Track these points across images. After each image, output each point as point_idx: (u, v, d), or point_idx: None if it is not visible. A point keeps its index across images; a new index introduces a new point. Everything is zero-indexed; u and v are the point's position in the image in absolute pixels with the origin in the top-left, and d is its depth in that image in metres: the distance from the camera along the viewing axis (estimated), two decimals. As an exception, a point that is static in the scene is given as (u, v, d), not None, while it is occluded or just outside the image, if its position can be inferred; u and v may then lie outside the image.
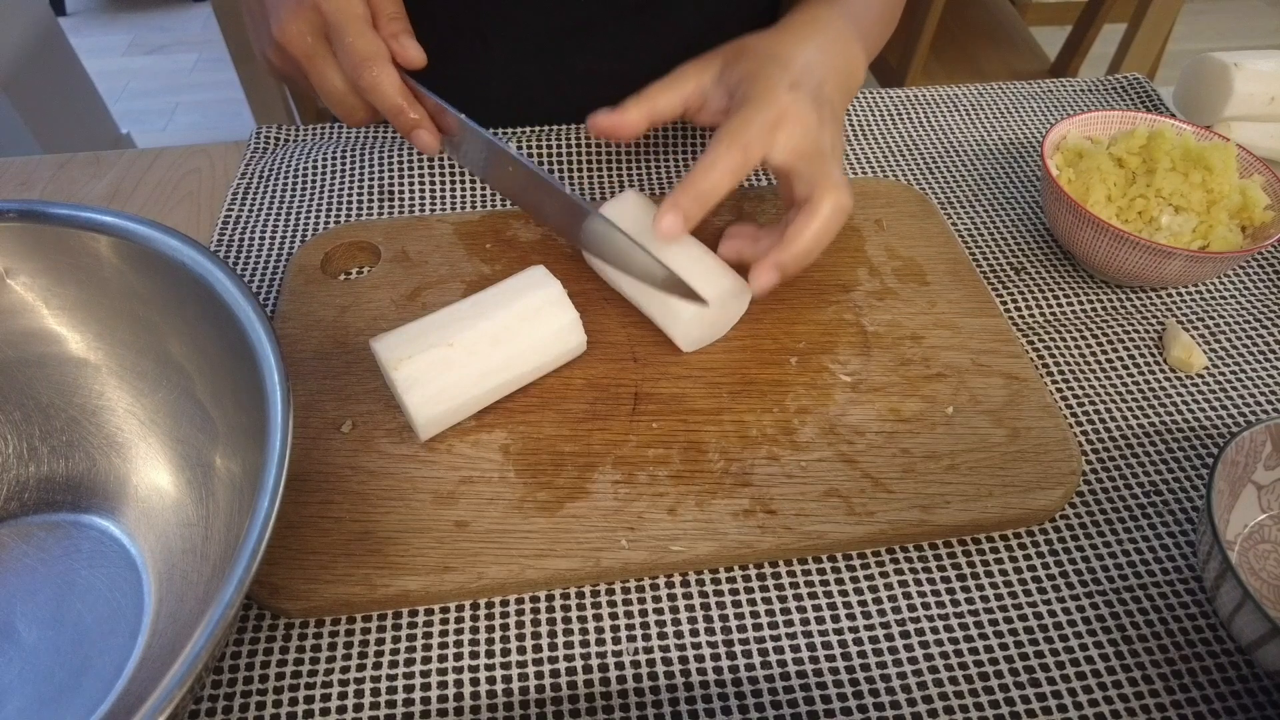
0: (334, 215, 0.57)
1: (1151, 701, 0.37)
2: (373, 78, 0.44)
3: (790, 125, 0.44)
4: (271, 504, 0.29)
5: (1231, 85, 0.64)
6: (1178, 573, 0.41)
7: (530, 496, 0.41)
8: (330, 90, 0.46)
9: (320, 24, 0.45)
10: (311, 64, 0.46)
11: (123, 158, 0.63)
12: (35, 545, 0.39)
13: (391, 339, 0.41)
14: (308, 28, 0.44)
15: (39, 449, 0.41)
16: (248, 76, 1.25)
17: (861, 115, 0.68)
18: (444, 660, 0.37)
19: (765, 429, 0.44)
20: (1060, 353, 0.51)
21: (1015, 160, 0.64)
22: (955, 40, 1.50)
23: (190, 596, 0.36)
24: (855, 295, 0.51)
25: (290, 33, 0.44)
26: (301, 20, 0.44)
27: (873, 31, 0.55)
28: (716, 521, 0.40)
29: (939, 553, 0.41)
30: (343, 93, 0.46)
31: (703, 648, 0.38)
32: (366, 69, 0.44)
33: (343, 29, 0.44)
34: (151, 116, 2.17)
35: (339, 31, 0.44)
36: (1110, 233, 0.49)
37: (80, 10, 2.56)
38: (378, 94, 0.45)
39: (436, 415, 0.41)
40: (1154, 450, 0.46)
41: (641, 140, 0.63)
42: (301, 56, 0.45)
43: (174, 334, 0.39)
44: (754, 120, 0.43)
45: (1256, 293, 0.56)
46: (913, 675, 0.37)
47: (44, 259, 0.38)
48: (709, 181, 0.43)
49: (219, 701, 0.36)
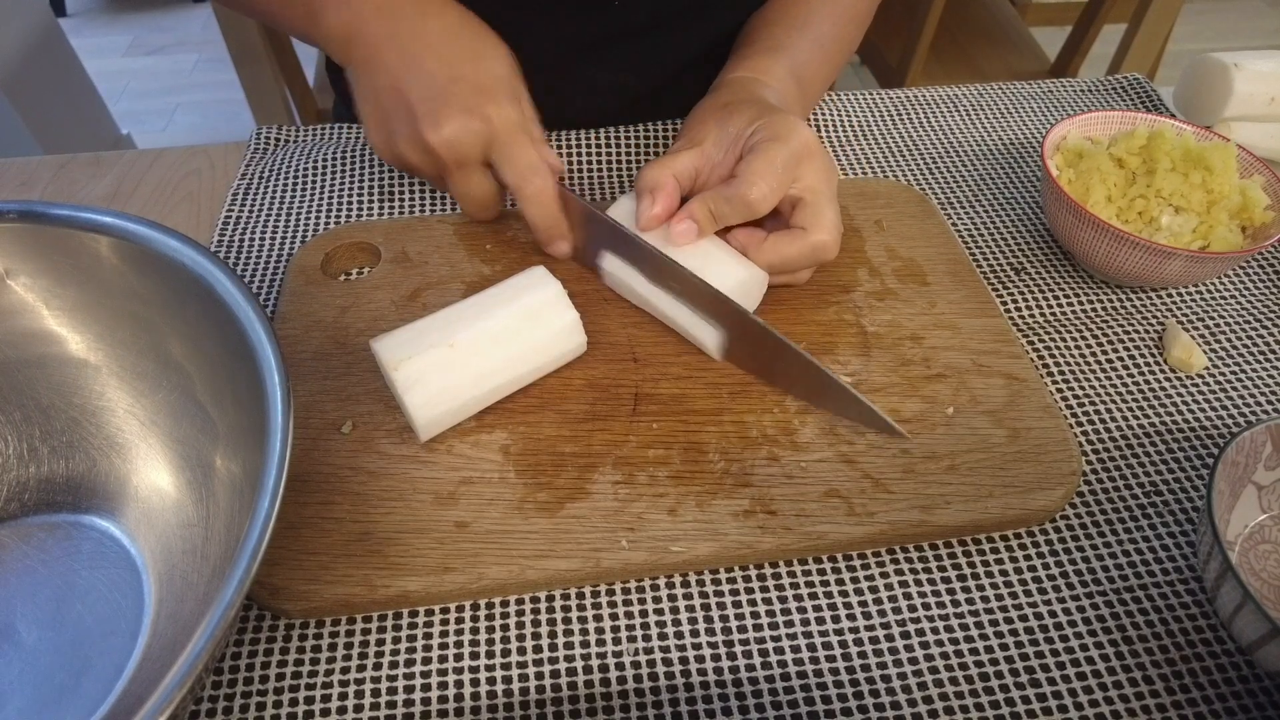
0: (334, 216, 0.57)
1: (1152, 702, 0.37)
2: (536, 189, 0.47)
3: (815, 160, 0.46)
4: (272, 505, 0.29)
5: (1231, 85, 0.64)
6: (1178, 573, 0.41)
7: (530, 497, 0.41)
8: (471, 194, 0.49)
9: (487, 134, 0.47)
10: (462, 170, 0.48)
11: (123, 158, 0.63)
12: (35, 546, 0.39)
13: (391, 339, 0.41)
14: (471, 136, 0.46)
15: (39, 449, 0.41)
16: (248, 77, 1.25)
17: (861, 115, 0.68)
18: (444, 661, 0.37)
19: (765, 429, 0.44)
20: (1060, 353, 0.51)
21: (1015, 160, 0.64)
22: (955, 40, 1.50)
23: (190, 597, 0.36)
24: (855, 296, 0.51)
25: (450, 139, 0.46)
26: (468, 131, 0.46)
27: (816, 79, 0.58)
28: (717, 522, 0.40)
29: (939, 553, 0.41)
30: (487, 197, 0.50)
31: (703, 648, 0.38)
32: (531, 180, 0.47)
33: (509, 142, 0.47)
34: (151, 117, 2.17)
35: (504, 145, 0.47)
36: (1110, 233, 0.49)
37: (80, 11, 2.57)
38: (539, 203, 0.48)
39: (437, 416, 0.41)
40: (1154, 450, 0.46)
41: (654, 143, 0.63)
42: (453, 162, 0.47)
43: (174, 334, 0.39)
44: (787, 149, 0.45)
45: (1256, 293, 0.56)
46: (913, 675, 0.37)
47: (44, 259, 0.38)
48: (757, 193, 0.45)
49: (219, 702, 0.36)
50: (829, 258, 0.47)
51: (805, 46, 0.57)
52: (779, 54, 0.55)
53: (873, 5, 0.61)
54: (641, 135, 0.63)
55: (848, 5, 0.59)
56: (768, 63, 0.55)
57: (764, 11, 0.60)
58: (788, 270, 0.48)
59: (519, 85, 0.49)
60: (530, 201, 0.48)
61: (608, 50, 0.64)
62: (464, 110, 0.46)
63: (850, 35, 0.60)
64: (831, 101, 0.68)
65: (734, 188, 0.45)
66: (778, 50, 0.56)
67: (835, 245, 0.47)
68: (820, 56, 0.57)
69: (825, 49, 0.58)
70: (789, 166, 0.45)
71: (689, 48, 0.65)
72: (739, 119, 0.48)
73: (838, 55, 0.59)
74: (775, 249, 0.46)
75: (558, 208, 0.49)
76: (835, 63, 0.60)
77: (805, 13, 0.57)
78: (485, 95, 0.46)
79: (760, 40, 0.57)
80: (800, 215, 0.46)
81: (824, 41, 0.57)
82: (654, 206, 0.46)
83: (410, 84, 0.46)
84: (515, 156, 0.47)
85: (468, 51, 0.47)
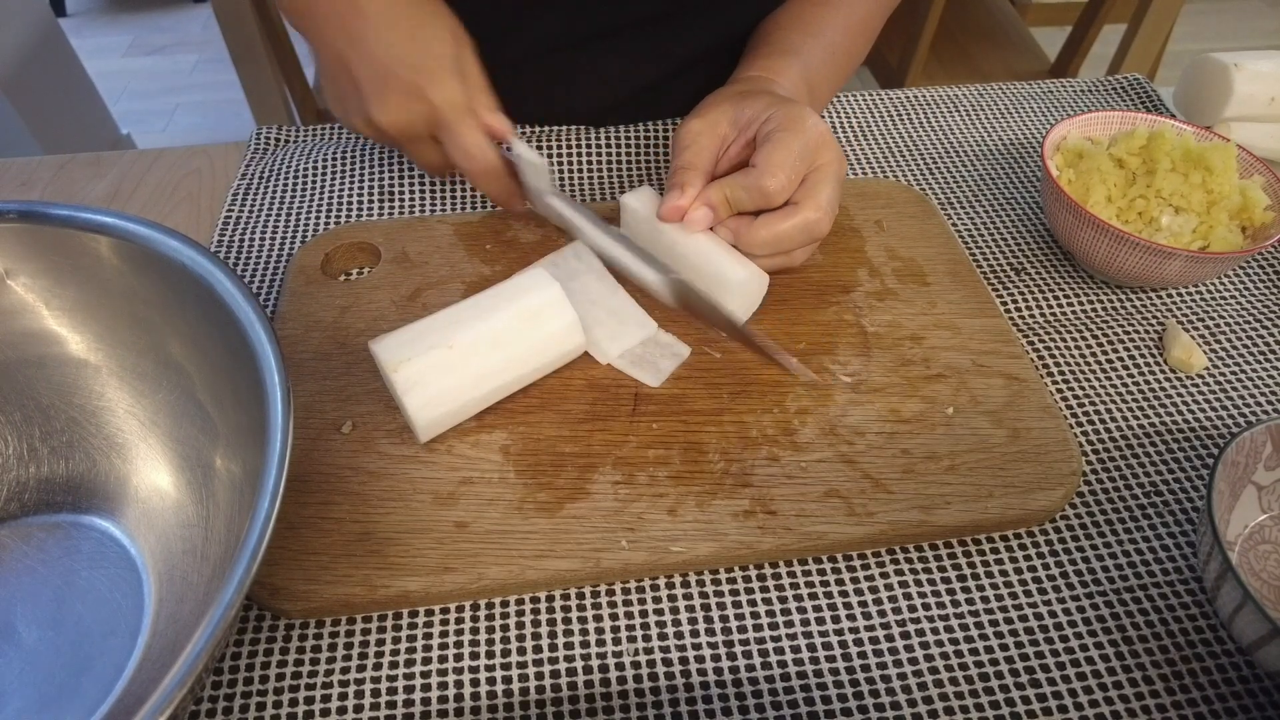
0: (334, 216, 0.57)
1: (1152, 702, 0.37)
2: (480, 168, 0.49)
3: (828, 150, 0.47)
4: (272, 505, 0.29)
5: (1231, 86, 0.64)
6: (1178, 573, 0.41)
7: (530, 497, 0.41)
8: (426, 162, 0.51)
9: (428, 114, 0.48)
10: (411, 143, 0.50)
11: (123, 158, 0.63)
12: (35, 546, 0.39)
13: (391, 341, 0.41)
14: (414, 117, 0.47)
15: (39, 450, 0.41)
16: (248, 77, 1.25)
17: (861, 115, 0.68)
18: (444, 661, 0.37)
19: (765, 430, 0.44)
20: (1060, 353, 0.51)
21: (1015, 160, 0.64)
22: (955, 40, 1.50)
23: (190, 597, 0.36)
24: (855, 296, 0.51)
25: (394, 119, 0.47)
26: (411, 112, 0.47)
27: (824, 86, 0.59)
28: (717, 522, 0.40)
29: (939, 553, 0.41)
30: (438, 165, 0.51)
31: (703, 648, 0.38)
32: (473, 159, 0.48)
33: (451, 122, 0.48)
34: (152, 117, 2.17)
35: (446, 126, 0.48)
36: (1110, 233, 0.49)
37: (80, 11, 2.56)
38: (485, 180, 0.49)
39: (437, 417, 0.41)
40: (1154, 451, 0.46)
41: (654, 142, 0.63)
42: (402, 138, 0.49)
43: (174, 335, 0.39)
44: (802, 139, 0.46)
45: (1256, 293, 0.56)
46: (913, 675, 0.37)
47: (44, 260, 0.38)
48: (775, 184, 0.45)
49: (219, 702, 0.36)
50: (821, 234, 0.48)
51: (817, 52, 0.57)
52: (792, 57, 0.56)
53: (881, 19, 0.62)
54: (642, 134, 0.63)
55: (859, 17, 0.59)
56: (781, 64, 0.55)
57: (777, 16, 0.60)
58: (781, 250, 0.48)
59: (465, 57, 0.49)
60: (477, 179, 0.50)
61: (617, 40, 0.64)
62: (404, 92, 0.47)
63: (859, 48, 0.61)
64: (832, 102, 0.68)
65: (753, 178, 0.46)
66: (791, 53, 0.56)
67: (827, 222, 0.47)
68: (830, 63, 0.58)
69: (835, 57, 0.59)
70: (804, 156, 0.46)
71: (698, 41, 0.66)
72: (753, 105, 0.49)
73: (846, 65, 0.60)
74: (767, 225, 0.47)
75: (505, 181, 0.50)
76: (844, 72, 0.60)
77: (818, 20, 0.58)
78: (425, 75, 0.47)
79: (774, 43, 0.58)
80: (797, 192, 0.47)
81: (835, 50, 0.58)
82: (681, 198, 0.47)
83: (355, 63, 0.47)
84: (458, 137, 0.48)
85: (407, 29, 0.47)
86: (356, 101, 0.48)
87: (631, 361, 0.46)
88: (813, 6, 0.59)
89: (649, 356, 0.46)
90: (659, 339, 0.47)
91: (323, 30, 0.48)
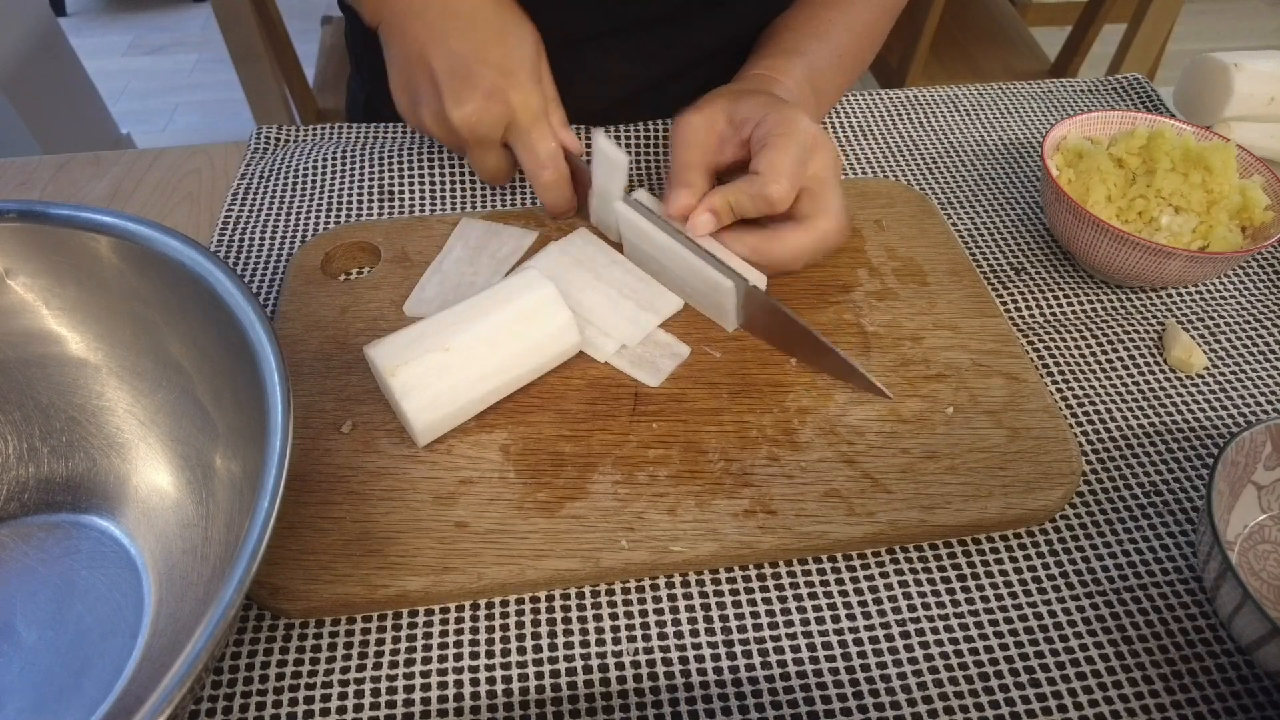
0: (334, 215, 0.57)
1: (1151, 702, 0.37)
2: (550, 178, 0.49)
3: (823, 152, 0.47)
4: (271, 504, 0.29)
5: (1231, 85, 0.64)
6: (1178, 573, 0.41)
7: (530, 497, 0.41)
8: (487, 167, 0.52)
9: (507, 118, 0.48)
10: (477, 146, 0.50)
11: (123, 158, 0.63)
12: (35, 545, 0.39)
13: (387, 345, 0.41)
14: (491, 119, 0.48)
15: (39, 449, 0.41)
16: (248, 76, 1.24)
17: (861, 115, 0.68)
18: (444, 660, 0.37)
19: (765, 429, 0.44)
20: (1060, 353, 0.51)
21: (1015, 160, 0.64)
22: (955, 40, 1.50)
23: (190, 597, 0.36)
24: (855, 295, 0.51)
25: (472, 120, 0.47)
26: (490, 113, 0.47)
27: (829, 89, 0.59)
28: (716, 522, 0.40)
29: (939, 553, 0.41)
30: (498, 172, 0.52)
31: (703, 648, 0.38)
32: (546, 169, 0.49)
33: (528, 129, 0.48)
34: (151, 117, 2.17)
35: (523, 131, 0.48)
36: (1110, 233, 0.49)
37: (80, 10, 2.56)
38: (553, 191, 0.50)
39: (435, 421, 0.41)
40: (1154, 450, 0.46)
41: (655, 141, 0.63)
42: (471, 138, 0.49)
43: (174, 334, 0.39)
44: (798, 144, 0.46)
45: (1256, 293, 0.56)
46: (913, 675, 0.37)
47: (44, 259, 0.38)
48: (778, 191, 0.45)
49: (219, 702, 0.36)
50: (839, 243, 0.48)
51: (823, 55, 0.57)
52: (797, 58, 0.56)
53: (889, 23, 0.62)
54: (643, 133, 0.63)
55: (866, 22, 0.59)
56: (785, 64, 0.55)
57: (784, 17, 0.61)
58: (797, 263, 0.48)
59: (543, 66, 0.50)
60: (545, 189, 0.50)
61: (621, 39, 0.64)
62: (486, 93, 0.47)
63: (866, 51, 0.61)
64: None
65: (756, 185, 0.45)
66: (797, 54, 0.56)
67: (845, 231, 0.48)
68: (836, 66, 0.58)
69: (841, 61, 0.58)
70: (803, 160, 0.46)
71: (702, 41, 0.66)
72: (749, 104, 0.49)
73: (851, 70, 0.60)
74: (787, 243, 0.47)
75: (569, 193, 0.51)
76: (849, 76, 0.60)
77: (826, 23, 0.58)
78: (509, 78, 0.47)
79: (780, 43, 0.58)
80: (806, 204, 0.47)
81: (841, 53, 0.58)
82: (690, 197, 0.47)
83: (436, 59, 0.47)
84: (533, 144, 0.48)
85: (494, 31, 0.48)
86: (431, 98, 0.48)
87: (631, 361, 0.46)
88: (820, 9, 0.59)
89: (648, 356, 0.46)
90: (658, 338, 0.47)
91: (404, 24, 0.48)
